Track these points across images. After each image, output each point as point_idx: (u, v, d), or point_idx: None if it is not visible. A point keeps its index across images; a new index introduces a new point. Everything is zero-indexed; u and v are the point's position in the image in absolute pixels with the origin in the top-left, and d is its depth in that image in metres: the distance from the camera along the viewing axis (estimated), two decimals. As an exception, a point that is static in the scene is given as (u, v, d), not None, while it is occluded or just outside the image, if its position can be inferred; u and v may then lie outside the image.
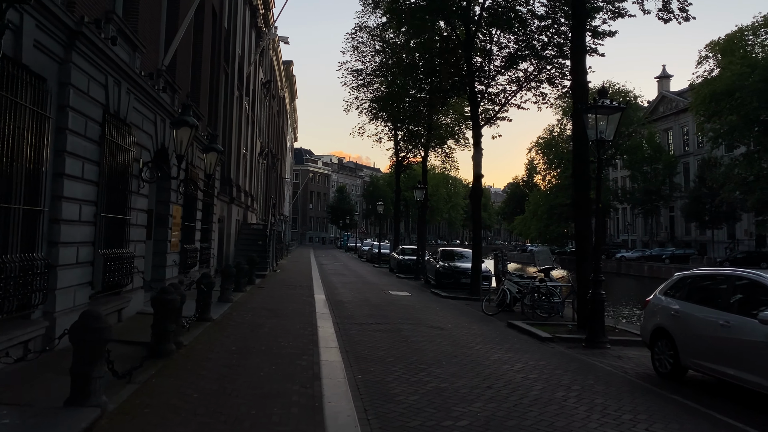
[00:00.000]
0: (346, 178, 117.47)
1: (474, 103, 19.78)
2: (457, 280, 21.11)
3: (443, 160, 33.86)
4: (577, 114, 12.04)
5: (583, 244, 12.17)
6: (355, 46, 36.02)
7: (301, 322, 11.61)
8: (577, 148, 12.45)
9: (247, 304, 14.10)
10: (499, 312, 14.64)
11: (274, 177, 50.75)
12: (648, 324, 8.69)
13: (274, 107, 49.00)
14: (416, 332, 11.42)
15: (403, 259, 29.95)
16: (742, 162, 46.25)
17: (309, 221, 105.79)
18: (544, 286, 14.16)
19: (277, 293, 17.29)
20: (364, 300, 17.06)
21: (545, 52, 19.56)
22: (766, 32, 45.00)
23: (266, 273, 23.79)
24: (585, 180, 12.39)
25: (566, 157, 68.98)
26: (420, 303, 17.02)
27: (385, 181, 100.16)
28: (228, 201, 23.15)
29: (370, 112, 35.98)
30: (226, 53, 22.42)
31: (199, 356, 8.02)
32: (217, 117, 20.54)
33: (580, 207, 12.34)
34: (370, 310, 14.59)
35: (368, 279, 26.26)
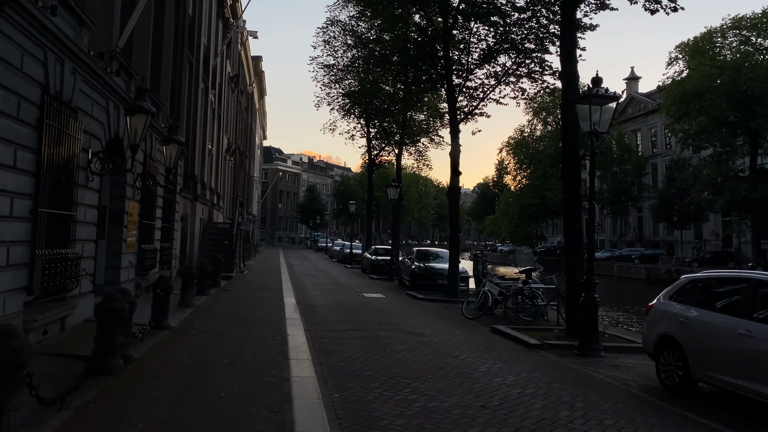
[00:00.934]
0: (316, 178, 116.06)
1: (452, 98, 18.98)
2: (434, 282, 20.28)
3: (417, 158, 33.05)
4: (568, 105, 11.29)
5: (572, 245, 11.42)
6: (327, 41, 34.97)
7: (270, 330, 10.60)
8: (567, 141, 11.71)
9: (210, 309, 13.02)
10: (480, 315, 13.84)
11: (242, 175, 49.36)
12: (652, 332, 7.94)
13: (242, 103, 47.62)
14: (395, 340, 10.52)
15: (376, 259, 29.04)
16: (710, 163, 46.57)
17: (278, 221, 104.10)
18: (528, 288, 13.40)
19: (243, 296, 16.21)
20: (337, 303, 16.10)
21: (524, 46, 18.88)
22: (735, 34, 45.34)
23: (233, 274, 22.64)
24: (575, 176, 11.66)
25: (537, 157, 69.07)
26: (396, 306, 16.13)
27: (356, 181, 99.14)
28: (192, 198, 21.94)
29: (342, 108, 35.00)
30: (191, 42, 21.21)
31: (150, 373, 6.98)
32: (180, 109, 19.34)
33: (570, 205, 11.60)
34: (344, 315, 13.64)
35: (340, 280, 25.28)
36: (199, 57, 22.52)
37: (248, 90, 53.17)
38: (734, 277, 7.24)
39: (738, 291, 6.89)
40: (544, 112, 71.16)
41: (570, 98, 10.95)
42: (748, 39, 44.61)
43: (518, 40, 18.85)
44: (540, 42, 18.34)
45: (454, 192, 19.15)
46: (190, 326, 10.59)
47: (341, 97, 35.12)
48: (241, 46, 42.98)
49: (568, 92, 11.25)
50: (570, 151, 11.69)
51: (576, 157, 11.76)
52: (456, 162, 18.91)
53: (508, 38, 18.82)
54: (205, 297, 15.08)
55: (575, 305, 11.08)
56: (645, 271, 51.76)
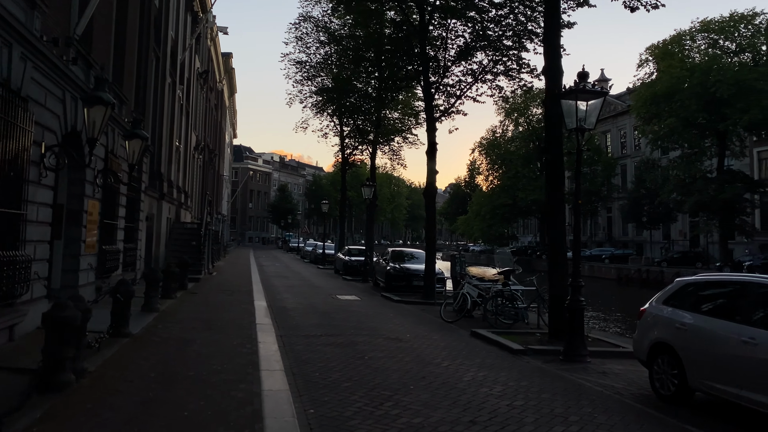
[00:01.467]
0: (287, 177, 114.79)
1: (428, 95, 18.52)
2: (409, 283, 19.80)
3: (391, 157, 32.55)
4: (552, 100, 10.91)
5: (556, 245, 11.02)
6: (299, 37, 34.31)
7: (239, 337, 9.97)
8: (550, 138, 11.32)
9: (175, 314, 12.31)
10: (459, 318, 13.38)
11: (212, 174, 48.27)
12: (644, 338, 7.54)
13: (212, 100, 46.56)
14: (373, 346, 9.98)
15: (349, 260, 28.45)
16: (679, 164, 47.09)
17: (249, 221, 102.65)
18: (508, 290, 13.00)
19: (211, 300, 15.50)
20: (310, 306, 15.49)
21: (502, 43, 18.53)
22: (704, 37, 45.90)
23: (201, 276, 21.84)
24: (558, 174, 11.29)
25: (508, 158, 69.35)
26: (372, 309, 15.59)
27: (329, 180, 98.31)
28: (158, 197, 21.08)
29: (314, 106, 34.35)
30: (157, 35, 20.36)
31: (105, 388, 6.32)
32: (146, 104, 18.50)
33: (553, 204, 11.22)
34: (318, 319, 13.05)
35: (313, 282, 24.64)
36: (166, 51, 21.66)
37: (218, 87, 52.07)
38: (733, 281, 6.87)
39: (738, 295, 6.53)
40: (516, 113, 71.46)
41: (555, 93, 10.56)
42: (716, 42, 45.22)
43: (495, 37, 18.50)
44: (518, 39, 17.99)
45: (430, 191, 18.69)
46: (154, 333, 9.89)
47: (314, 94, 34.52)
48: (210, 41, 41.98)
49: (553, 88, 10.86)
50: (554, 148, 11.31)
51: (560, 155, 11.38)
52: (433, 162, 18.45)
53: (485, 35, 18.44)
54: (171, 301, 14.34)
55: (559, 308, 10.70)
56: (615, 271, 52.17)
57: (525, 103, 70.35)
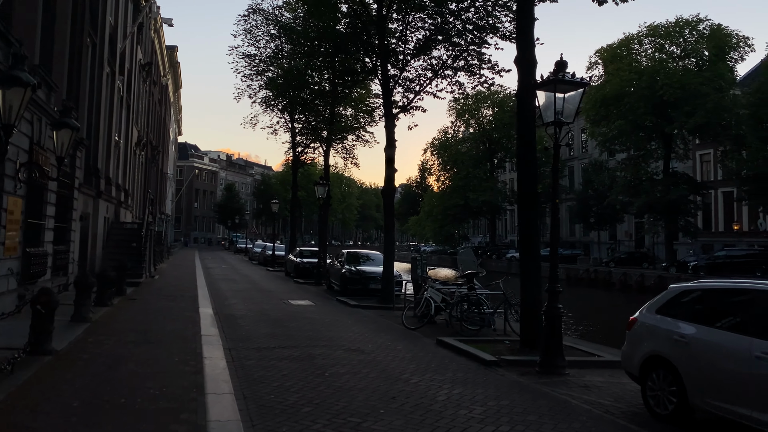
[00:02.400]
0: (235, 176, 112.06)
1: (386, 89, 17.68)
2: (366, 286, 18.91)
3: (344, 156, 31.54)
4: (525, 93, 10.21)
5: (529, 245, 10.32)
6: (248, 30, 33.06)
7: (182, 351, 8.86)
8: (523, 132, 10.62)
9: (110, 325, 11.04)
10: (422, 325, 12.57)
11: (155, 171, 46.14)
12: (635, 350, 6.87)
13: (156, 94, 44.48)
14: (333, 359, 9.04)
15: (301, 262, 27.30)
16: (627, 166, 47.85)
17: (194, 221, 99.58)
18: (474, 294, 12.27)
19: (152, 307, 14.21)
20: (261, 313, 14.39)
21: (461, 38, 17.88)
22: (651, 41, 46.76)
23: (141, 280, 20.38)
24: (532, 172, 10.60)
25: (460, 158, 69.37)
26: (328, 315, 14.61)
27: (278, 180, 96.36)
28: (94, 195, 19.51)
29: (264, 101, 33.09)
30: (93, 19, 18.81)
31: (13, 425, 5.18)
32: (80, 93, 16.98)
33: (526, 203, 10.51)
34: (270, 328, 11.99)
35: (263, 285, 23.42)
36: (104, 37, 20.10)
37: (162, 81, 49.90)
38: (741, 289, 6.24)
39: (749, 305, 5.90)
40: (467, 114, 71.66)
41: (531, 84, 9.86)
42: (662, 46, 46.15)
43: (455, 32, 17.84)
44: (478, 33, 17.38)
45: (389, 190, 17.85)
46: (82, 349, 8.68)
47: (264, 89, 33.25)
48: (154, 33, 40.05)
49: (526, 79, 10.16)
50: (526, 143, 10.62)
51: (533, 150, 10.70)
52: (391, 158, 17.63)
53: (444, 29, 17.75)
54: (106, 309, 13.01)
55: (531, 314, 10.02)
56: (564, 271, 52.58)
57: (476, 104, 70.68)
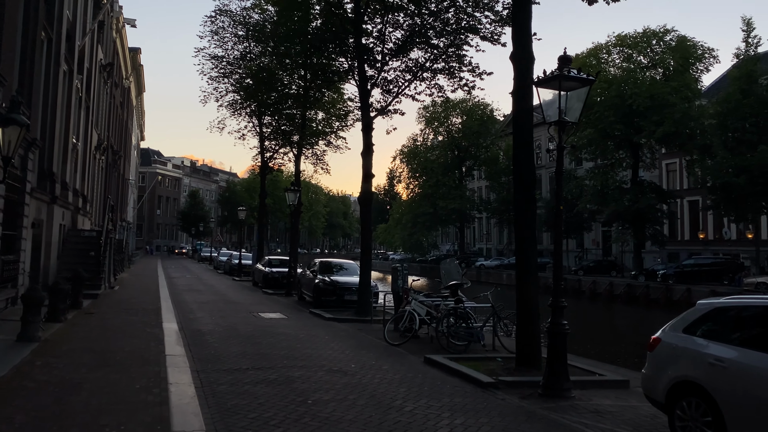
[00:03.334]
0: (199, 183, 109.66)
1: (364, 91, 16.87)
2: (341, 298, 17.99)
3: (314, 162, 30.55)
4: (522, 91, 9.51)
5: (525, 257, 9.57)
6: (215, 31, 31.95)
7: (144, 376, 7.84)
8: (520, 133, 9.88)
9: (62, 344, 9.91)
10: (406, 341, 11.75)
11: (116, 177, 44.38)
12: (660, 375, 6.16)
13: (117, 97, 42.82)
14: (315, 382, 8.14)
15: (270, 271, 26.20)
16: (596, 174, 48.05)
17: (157, 228, 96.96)
18: (461, 307, 11.50)
19: (111, 322, 13.05)
20: (230, 328, 13.35)
21: (439, 40, 17.24)
22: (619, 51, 47.13)
23: (100, 292, 19.08)
24: (529, 176, 9.89)
25: (430, 166, 69.02)
26: (302, 330, 13.65)
27: (243, 187, 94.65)
28: (49, 200, 18.17)
29: (231, 105, 31.95)
30: (49, 12, 17.55)
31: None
32: (33, 89, 15.71)
33: (522, 210, 9.78)
34: (241, 345, 10.99)
35: (230, 296, 22.27)
36: (60, 32, 18.82)
37: (124, 84, 48.18)
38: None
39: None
40: (436, 122, 71.43)
41: (528, 82, 9.17)
42: (630, 56, 46.56)
43: (432, 34, 17.19)
44: (458, 35, 16.76)
45: (366, 197, 17.01)
46: (28, 375, 7.59)
47: (231, 92, 32.15)
48: (116, 33, 38.55)
49: (523, 77, 9.46)
50: (523, 144, 9.89)
51: (530, 152, 9.99)
52: (368, 164, 16.82)
53: (423, 30, 17.07)
54: (59, 325, 11.83)
55: (528, 331, 9.28)
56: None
57: (445, 112, 70.52)
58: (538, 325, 9.29)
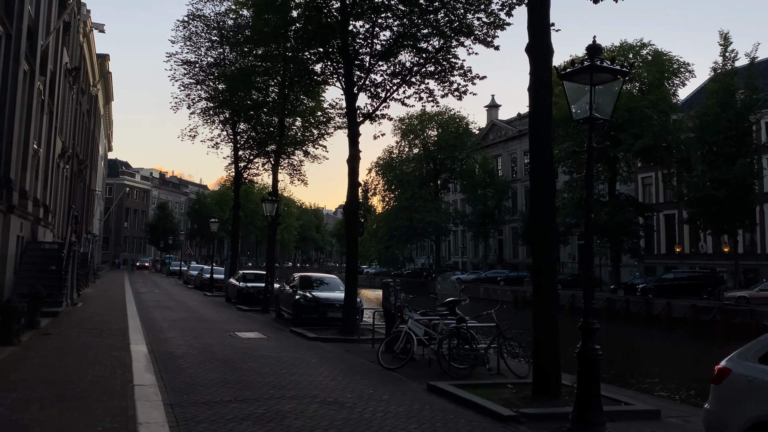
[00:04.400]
0: (168, 195, 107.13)
1: (350, 94, 15.85)
2: (323, 315, 16.82)
3: (290, 173, 29.35)
4: (540, 85, 8.56)
5: (543, 273, 8.59)
6: (188, 37, 30.82)
7: (108, 414, 6.60)
8: (537, 133, 8.87)
9: (12, 372, 8.59)
10: (402, 365, 10.65)
11: (81, 187, 42.48)
12: (733, 413, 5.21)
13: (84, 104, 41.05)
14: (309, 418, 6.99)
15: (245, 286, 24.85)
16: (574, 187, 47.80)
17: (124, 241, 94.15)
18: (464, 327, 10.47)
19: (71, 345, 11.69)
20: (206, 350, 12.09)
21: (428, 44, 16.36)
22: (597, 64, 47.02)
23: (61, 309, 17.58)
24: (547, 176, 8.87)
25: (405, 179, 68.33)
26: (286, 352, 12.45)
27: (214, 199, 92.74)
28: (5, 210, 16.66)
29: (205, 112, 30.74)
30: (8, 5, 16.22)
31: None
32: (-13, 88, 14.35)
33: (540, 220, 8.81)
34: (220, 372, 9.77)
35: (203, 313, 20.88)
36: (21, 28, 17.43)
37: (92, 91, 46.37)
38: None
39: None
40: (412, 135, 70.90)
41: (548, 77, 8.26)
42: (607, 70, 46.51)
43: (421, 36, 16.30)
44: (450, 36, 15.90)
45: (352, 208, 15.95)
46: (-35, 415, 6.32)
47: (203, 99, 30.97)
48: (84, 37, 36.93)
49: (541, 71, 8.52)
50: (541, 144, 8.88)
51: (548, 152, 8.97)
52: (355, 173, 15.79)
53: (410, 33, 16.16)
54: (11, 349, 10.47)
55: (546, 354, 8.29)
56: (512, 293, 51.95)
57: (421, 124, 70.06)
58: (557, 348, 8.31)
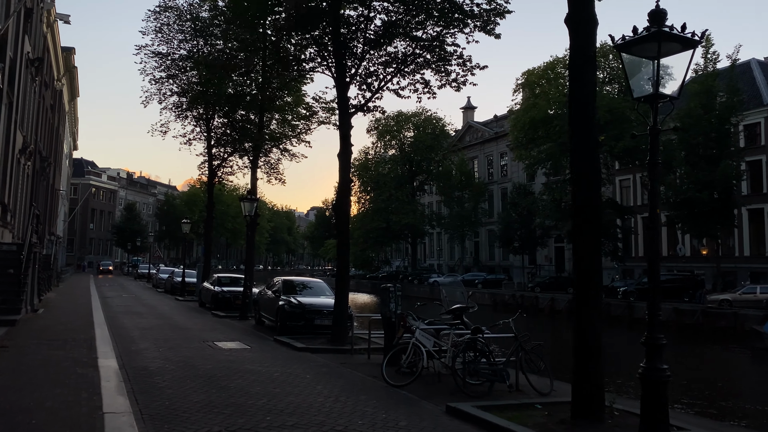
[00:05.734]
0: (136, 195, 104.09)
1: (342, 83, 14.62)
2: (310, 323, 15.52)
3: (267, 172, 27.93)
4: (584, 62, 7.39)
5: (586, 276, 7.41)
6: (159, 29, 29.26)
7: (72, 457, 5.31)
8: (580, 115, 7.62)
9: (-46, 399, 7.18)
10: (411, 381, 9.46)
11: (44, 186, 40.28)
12: None
13: (48, 99, 38.92)
14: (321, 455, 5.79)
15: (221, 291, 23.36)
16: (554, 189, 47.35)
17: (90, 243, 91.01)
18: (481, 339, 9.34)
19: (29, 360, 10.21)
20: (184, 364, 10.71)
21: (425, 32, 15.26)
22: (576, 66, 46.64)
23: (19, 317, 15.93)
24: (591, 165, 7.63)
25: (382, 180, 67.27)
26: (275, 366, 11.12)
27: (183, 200, 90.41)
28: (-45, 207, 15.06)
29: (177, 106, 29.21)
30: (-39, -20, 14.63)
31: None
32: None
33: (583, 208, 7.57)
34: (204, 392, 8.44)
35: (177, 320, 19.37)
36: (-25, 8, 15.85)
37: (56, 86, 44.15)
38: None
39: None
40: (388, 135, 69.86)
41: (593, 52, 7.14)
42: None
43: (414, 24, 15.19)
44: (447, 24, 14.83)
45: (343, 206, 14.71)
46: None
47: (176, 94, 29.41)
48: (48, 27, 34.91)
49: (584, 44, 7.37)
50: (584, 128, 7.62)
51: (594, 137, 7.63)
52: (346, 169, 14.57)
53: (407, 18, 15.03)
54: (-43, 367, 8.99)
55: (588, 371, 7.18)
56: (490, 296, 51.33)
57: (397, 125, 69.06)
58: (600, 365, 7.21)
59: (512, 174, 66.08)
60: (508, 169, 67.90)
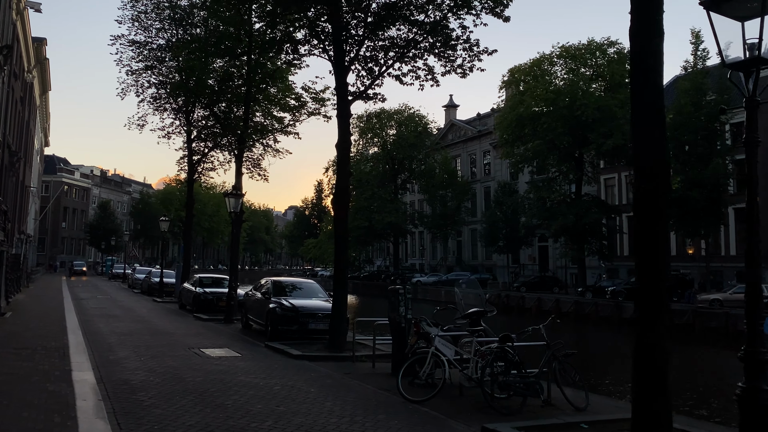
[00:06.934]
0: (110, 193, 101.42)
1: (340, 68, 13.45)
2: (304, 327, 14.34)
3: (249, 168, 26.58)
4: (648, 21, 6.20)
5: (648, 279, 6.33)
6: (136, 17, 27.86)
7: None
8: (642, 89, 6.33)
9: None
10: (432, 396, 8.38)
11: (13, 182, 38.37)
12: None
13: (18, 91, 37.03)
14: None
15: (203, 292, 21.99)
16: (541, 187, 46.76)
17: (62, 242, 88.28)
18: (510, 348, 8.30)
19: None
20: (171, 377, 9.49)
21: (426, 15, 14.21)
22: (563, 62, 46.10)
23: (-17, 322, 14.57)
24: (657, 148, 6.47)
25: (365, 178, 66.10)
26: (272, 378, 9.94)
27: (158, 199, 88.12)
28: None
29: (155, 99, 27.82)
30: None
31: None
32: None
33: (647, 212, 6.48)
34: (198, 413, 7.25)
35: (157, 324, 18.02)
36: (-66, -18, 14.39)
37: (26, 78, 42.19)
38: None
39: None
40: (371, 133, 68.73)
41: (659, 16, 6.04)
42: (574, 68, 45.63)
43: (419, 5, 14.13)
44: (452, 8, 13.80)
45: (342, 200, 13.59)
46: None
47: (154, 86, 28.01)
48: (17, 15, 33.12)
49: (654, 9, 6.27)
50: (646, 104, 6.42)
51: (660, 115, 6.44)
52: (345, 162, 13.45)
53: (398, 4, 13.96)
54: None
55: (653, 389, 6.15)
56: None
57: (380, 123, 67.96)
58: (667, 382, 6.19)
59: (495, 173, 65.50)
60: (492, 168, 67.29)
